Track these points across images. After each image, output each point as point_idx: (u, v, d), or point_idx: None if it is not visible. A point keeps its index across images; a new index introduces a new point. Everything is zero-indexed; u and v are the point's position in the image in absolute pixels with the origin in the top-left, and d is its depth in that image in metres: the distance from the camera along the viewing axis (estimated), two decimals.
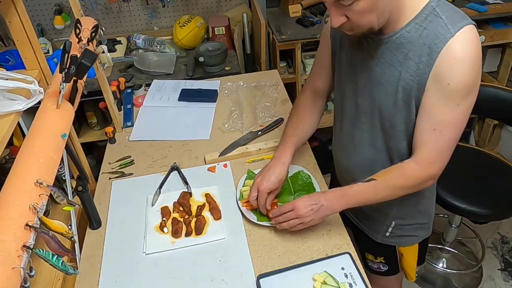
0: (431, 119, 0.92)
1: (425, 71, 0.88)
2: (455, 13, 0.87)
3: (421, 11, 0.87)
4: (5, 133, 0.87)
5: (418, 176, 0.98)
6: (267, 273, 1.03)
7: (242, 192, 1.25)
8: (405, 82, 0.92)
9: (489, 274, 2.12)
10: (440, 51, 0.84)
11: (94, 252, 1.14)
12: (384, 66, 0.94)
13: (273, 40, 2.35)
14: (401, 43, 0.90)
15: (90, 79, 1.65)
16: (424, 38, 0.86)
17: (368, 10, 0.82)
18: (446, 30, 0.84)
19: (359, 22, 0.85)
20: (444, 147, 0.94)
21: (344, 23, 0.86)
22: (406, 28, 0.89)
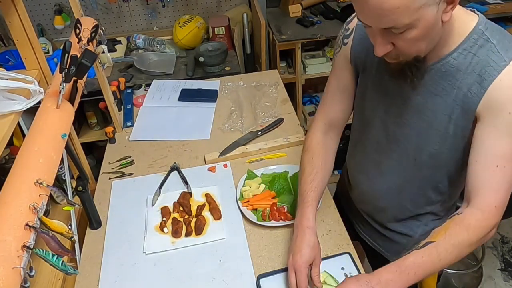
0: (491, 154, 0.81)
1: (474, 100, 0.81)
2: (505, 36, 0.81)
3: (469, 35, 0.80)
4: (5, 133, 0.87)
5: (485, 226, 0.83)
6: (267, 273, 1.03)
7: (242, 192, 1.25)
8: (451, 111, 0.85)
9: (489, 274, 2.12)
10: (493, 79, 0.78)
11: (94, 252, 1.14)
12: (427, 95, 0.87)
13: (273, 40, 2.35)
14: (447, 71, 0.83)
15: (90, 79, 1.65)
16: (474, 66, 0.80)
17: (420, 38, 0.74)
18: (499, 58, 0.78)
19: (407, 51, 0.78)
20: (507, 185, 0.81)
21: (389, 52, 0.78)
22: (453, 55, 0.82)
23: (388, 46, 0.77)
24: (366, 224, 1.22)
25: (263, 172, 1.31)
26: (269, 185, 1.26)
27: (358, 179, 1.16)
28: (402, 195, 1.05)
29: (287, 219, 1.16)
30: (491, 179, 0.81)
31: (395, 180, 1.04)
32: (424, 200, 1.05)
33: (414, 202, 1.06)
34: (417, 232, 1.10)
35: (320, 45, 2.54)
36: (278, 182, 1.26)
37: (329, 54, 2.48)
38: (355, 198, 1.22)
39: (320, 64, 2.45)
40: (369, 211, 1.19)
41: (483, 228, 0.83)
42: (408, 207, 1.08)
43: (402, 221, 1.11)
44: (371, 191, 1.11)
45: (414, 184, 1.02)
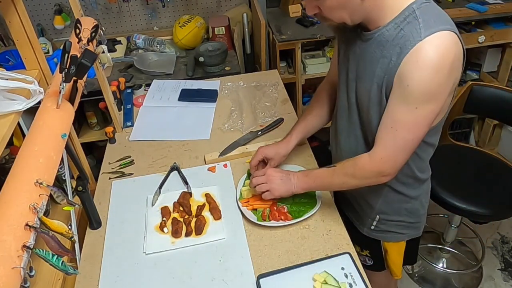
0: (390, 117, 0.94)
1: (393, 70, 0.89)
2: (435, 17, 0.86)
3: (402, 11, 0.88)
4: (5, 133, 0.87)
5: (368, 169, 1.01)
6: (267, 273, 1.03)
7: (242, 192, 1.25)
8: (378, 78, 0.94)
9: (489, 274, 2.12)
10: (407, 53, 0.85)
11: (94, 252, 1.14)
12: (366, 62, 0.97)
13: (273, 40, 2.35)
14: (380, 41, 0.92)
15: (90, 79, 1.65)
16: (399, 39, 0.87)
17: (337, 7, 0.88)
18: (417, 34, 0.84)
19: (329, 15, 0.91)
20: (397, 147, 0.95)
21: (317, 13, 0.92)
22: (387, 27, 0.90)
23: (315, 8, 0.91)
24: (344, 196, 1.31)
25: None
26: None
27: (332, 147, 1.26)
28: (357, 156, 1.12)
29: (287, 219, 1.16)
30: (384, 136, 0.96)
31: (351, 143, 1.13)
32: None
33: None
34: (377, 202, 1.17)
35: (320, 45, 2.54)
36: None
37: (329, 54, 2.48)
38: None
39: (320, 64, 2.45)
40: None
41: (366, 171, 1.02)
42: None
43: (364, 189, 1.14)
44: (339, 155, 1.20)
45: (364, 147, 1.09)
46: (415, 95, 0.87)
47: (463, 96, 1.88)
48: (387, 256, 1.29)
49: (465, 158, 1.91)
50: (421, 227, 1.24)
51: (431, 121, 0.93)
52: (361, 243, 1.30)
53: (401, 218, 1.19)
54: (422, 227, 1.25)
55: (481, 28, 2.41)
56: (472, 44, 2.37)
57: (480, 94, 1.86)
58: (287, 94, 1.75)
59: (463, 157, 1.91)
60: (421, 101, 0.88)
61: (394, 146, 0.96)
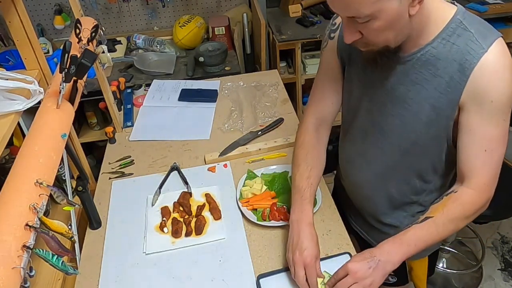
0: (479, 140, 0.87)
1: (457, 88, 0.84)
2: (483, 25, 0.84)
3: (447, 25, 0.83)
4: (5, 133, 0.87)
5: (478, 202, 0.92)
6: (267, 273, 1.03)
7: (242, 192, 1.25)
8: (435, 100, 0.88)
9: (489, 274, 2.12)
10: (474, 68, 0.81)
11: (94, 252, 1.14)
12: (409, 84, 0.90)
13: (273, 40, 2.35)
14: (427, 60, 0.86)
15: (90, 79, 1.65)
16: (454, 54, 0.83)
17: (384, 29, 0.78)
18: (477, 46, 0.81)
19: (374, 39, 0.82)
20: (496, 166, 0.90)
21: (358, 40, 0.83)
22: (432, 44, 0.85)
23: (356, 34, 0.82)
24: (358, 215, 1.25)
25: (263, 172, 1.31)
26: (269, 185, 1.26)
27: (347, 169, 1.19)
28: (387, 184, 1.07)
29: (287, 219, 1.16)
30: (481, 162, 0.88)
31: (380, 168, 1.07)
32: (409, 189, 1.07)
33: (400, 191, 1.08)
34: (403, 223, 1.11)
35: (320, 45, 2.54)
36: (278, 182, 1.26)
37: None
38: (347, 189, 1.25)
39: None
40: (359, 201, 1.22)
41: (476, 204, 0.92)
42: (394, 196, 1.10)
43: (388, 211, 1.13)
44: (358, 180, 1.14)
45: (399, 172, 1.04)
46: (500, 108, 0.83)
47: None
48: (412, 273, 1.24)
49: None
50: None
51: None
52: None
53: None
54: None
55: None
56: None
57: None
58: (287, 94, 1.75)
59: None
60: (507, 111, 0.84)
61: (495, 168, 0.90)
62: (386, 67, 0.91)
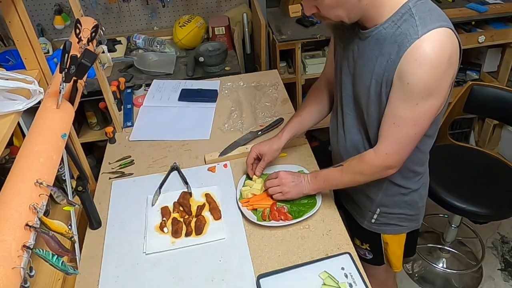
0: (392, 114, 0.96)
1: (392, 67, 0.91)
2: (431, 15, 0.88)
3: (398, 9, 0.90)
4: (5, 133, 0.87)
5: (374, 165, 1.04)
6: (267, 273, 1.03)
7: (242, 192, 1.25)
8: (377, 76, 0.96)
9: (489, 274, 2.12)
10: (405, 51, 0.87)
11: (94, 252, 1.14)
12: (364, 59, 0.99)
13: (273, 40, 2.35)
14: (377, 39, 0.94)
15: (90, 79, 1.65)
16: (397, 37, 0.89)
17: (335, 6, 0.90)
18: (414, 31, 0.86)
19: (327, 14, 0.93)
20: (401, 142, 0.99)
21: (315, 13, 0.94)
22: (383, 25, 0.92)
23: (313, 8, 0.93)
24: (343, 190, 1.30)
25: (263, 172, 1.31)
26: None
27: (332, 140, 1.27)
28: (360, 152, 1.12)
29: (287, 219, 1.16)
30: (387, 132, 0.99)
31: (354, 137, 1.14)
32: None
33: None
34: (378, 195, 1.18)
35: (320, 45, 2.54)
36: None
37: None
38: (333, 160, 1.31)
39: (320, 64, 2.45)
40: None
41: (373, 167, 1.05)
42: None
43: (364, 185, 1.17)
44: (340, 150, 1.21)
45: (368, 144, 1.11)
46: (415, 92, 0.89)
47: (463, 96, 1.88)
48: (387, 249, 1.30)
49: (465, 158, 1.91)
50: (420, 219, 1.27)
51: (433, 115, 0.95)
52: (361, 236, 1.32)
53: (401, 210, 1.21)
54: (421, 219, 1.27)
55: (481, 28, 2.41)
56: (472, 44, 2.37)
57: (480, 94, 1.86)
58: (287, 94, 1.75)
59: (463, 157, 1.91)
60: (421, 97, 0.90)
61: (398, 142, 0.99)
62: (349, 40, 1.02)
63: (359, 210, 1.28)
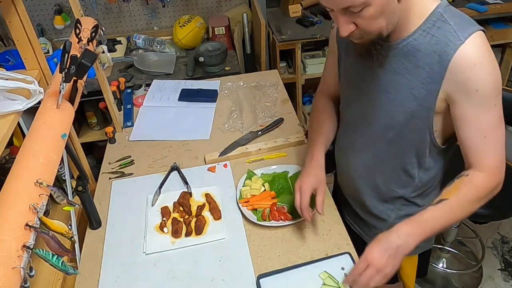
0: (477, 129, 0.88)
1: (436, 79, 0.86)
2: (463, 19, 0.85)
3: (429, 17, 0.86)
4: (5, 133, 0.87)
5: (490, 184, 0.92)
6: (267, 273, 1.03)
7: (242, 192, 1.25)
8: (415, 90, 0.90)
9: (489, 274, 2.12)
10: (451, 59, 0.83)
11: (94, 252, 1.14)
12: (392, 74, 0.93)
13: (273, 40, 2.36)
14: (408, 51, 0.88)
15: (90, 79, 1.65)
16: (434, 46, 0.85)
17: (378, 15, 0.80)
18: (455, 37, 0.82)
19: (368, 28, 0.82)
20: (501, 148, 0.92)
21: (353, 31, 0.83)
22: (413, 36, 0.87)
23: (350, 26, 0.82)
24: (349, 208, 1.27)
25: (263, 172, 1.31)
26: (269, 185, 1.26)
27: (339, 159, 1.22)
28: (374, 174, 1.09)
29: (287, 219, 1.16)
30: (485, 148, 0.90)
31: (367, 158, 1.08)
32: (395, 181, 1.09)
33: (386, 182, 1.10)
34: (391, 216, 1.14)
35: (320, 45, 2.54)
36: (278, 182, 1.26)
37: None
38: (340, 181, 1.27)
39: (320, 64, 2.45)
40: (349, 193, 1.24)
41: (488, 186, 0.92)
42: (381, 187, 1.11)
43: (376, 203, 1.14)
44: (348, 170, 1.16)
45: (386, 164, 1.06)
46: (489, 95, 0.85)
47: None
48: (400, 270, 1.25)
49: None
50: (432, 238, 1.19)
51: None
52: None
53: None
54: (433, 238, 1.20)
55: None
56: None
57: None
58: (287, 94, 1.75)
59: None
60: (495, 97, 0.86)
61: (499, 149, 0.91)
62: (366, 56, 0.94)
63: (370, 232, 1.21)
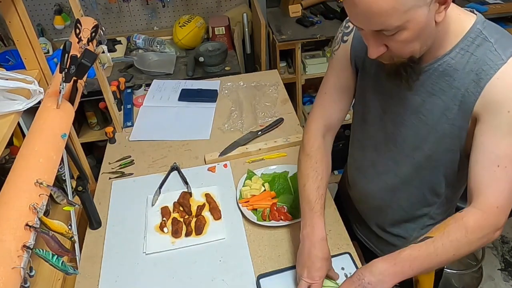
0: (491, 155, 0.79)
1: (471, 99, 0.80)
2: (504, 35, 0.80)
3: (467, 34, 0.80)
4: (5, 133, 0.87)
5: (485, 226, 0.80)
6: (267, 273, 1.03)
7: (242, 192, 1.25)
8: (449, 111, 0.84)
9: (489, 274, 2.12)
10: (490, 78, 0.77)
11: (94, 252, 1.14)
12: (424, 95, 0.87)
13: (273, 40, 2.36)
14: (444, 71, 0.83)
15: (90, 79, 1.65)
16: (472, 65, 0.79)
17: (412, 40, 0.74)
18: (496, 56, 0.77)
19: (400, 52, 0.77)
20: (510, 187, 0.79)
21: (383, 54, 0.78)
22: (450, 54, 0.81)
23: (381, 48, 0.76)
24: (363, 224, 1.22)
25: (263, 172, 1.31)
26: (269, 185, 1.26)
27: (356, 178, 1.16)
28: (398, 195, 1.04)
29: (287, 219, 1.16)
30: (492, 180, 0.79)
31: (391, 179, 1.03)
32: (420, 202, 1.04)
33: (410, 203, 1.05)
34: (412, 235, 1.09)
35: (320, 45, 2.54)
36: (278, 182, 1.26)
37: (329, 54, 2.48)
38: (354, 197, 1.22)
39: (320, 64, 2.45)
40: (366, 211, 1.19)
41: (482, 228, 0.80)
42: (404, 208, 1.07)
43: (398, 223, 1.10)
44: (368, 190, 1.11)
45: (410, 185, 1.01)
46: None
47: None
48: (418, 286, 1.18)
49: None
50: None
51: None
52: None
53: None
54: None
55: None
56: None
57: None
58: (287, 94, 1.75)
59: None
60: None
61: (508, 187, 0.78)
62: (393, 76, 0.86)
63: (387, 249, 1.08)
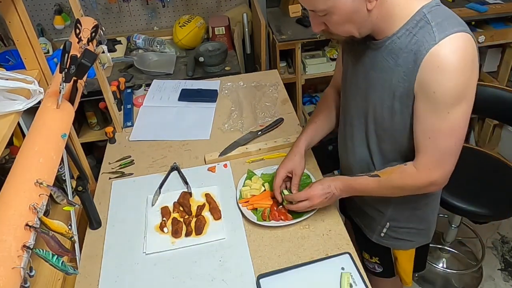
0: (424, 128, 0.91)
1: (411, 78, 0.87)
2: (448, 20, 0.84)
3: (412, 17, 0.86)
4: (5, 133, 0.87)
5: (417, 180, 0.97)
6: (267, 273, 1.03)
7: (242, 192, 1.25)
8: (395, 87, 0.92)
9: (489, 274, 2.12)
10: (423, 59, 0.83)
11: (94, 252, 1.14)
12: (378, 70, 0.95)
13: (273, 40, 2.36)
14: (392, 49, 0.90)
15: (90, 79, 1.65)
16: (413, 45, 0.86)
17: (343, 22, 0.86)
18: (431, 38, 0.82)
19: (336, 31, 0.90)
20: (442, 155, 0.93)
21: (323, 30, 0.91)
22: (397, 34, 0.88)
23: (320, 25, 0.90)
24: (352, 202, 1.29)
25: (263, 172, 1.31)
26: (269, 185, 1.26)
27: (340, 153, 1.25)
28: (371, 168, 1.10)
29: (287, 219, 1.16)
30: (425, 147, 0.93)
31: (364, 152, 1.11)
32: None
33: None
34: (388, 209, 1.16)
35: (320, 45, 2.54)
36: None
37: (329, 54, 2.48)
38: (342, 172, 1.28)
39: (320, 64, 2.45)
40: None
41: (415, 181, 0.98)
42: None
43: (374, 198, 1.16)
44: (348, 163, 1.19)
45: (380, 157, 1.08)
46: (444, 101, 0.85)
47: None
48: (397, 264, 1.27)
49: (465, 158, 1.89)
50: (431, 233, 1.22)
51: (467, 121, 0.90)
52: (370, 250, 1.28)
53: (411, 225, 1.17)
54: (432, 233, 1.23)
55: (481, 28, 2.42)
56: None
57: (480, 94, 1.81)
58: (287, 94, 1.75)
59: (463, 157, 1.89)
60: (451, 105, 0.85)
61: (438, 155, 0.92)
62: (360, 52, 0.98)
63: (368, 224, 1.24)
